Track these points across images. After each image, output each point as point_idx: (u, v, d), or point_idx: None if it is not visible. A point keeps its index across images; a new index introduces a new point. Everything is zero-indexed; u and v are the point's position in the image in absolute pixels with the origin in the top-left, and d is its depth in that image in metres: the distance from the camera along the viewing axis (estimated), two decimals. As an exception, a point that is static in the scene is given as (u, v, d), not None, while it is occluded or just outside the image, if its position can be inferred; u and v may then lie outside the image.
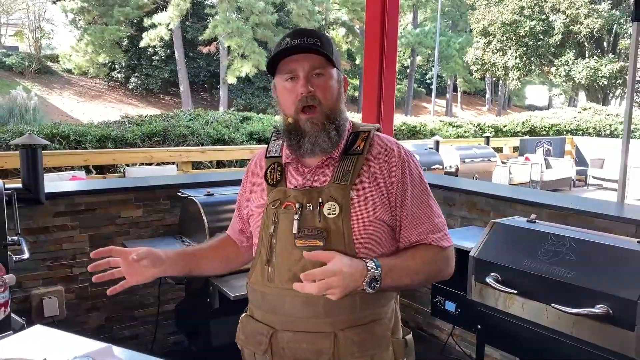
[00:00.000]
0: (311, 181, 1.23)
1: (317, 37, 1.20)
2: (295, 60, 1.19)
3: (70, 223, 2.68)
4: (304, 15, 21.56)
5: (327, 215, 1.18)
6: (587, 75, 19.42)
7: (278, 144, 1.34)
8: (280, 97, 1.25)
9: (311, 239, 1.17)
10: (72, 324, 2.68)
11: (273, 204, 1.23)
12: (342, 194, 1.19)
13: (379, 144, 1.26)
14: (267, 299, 1.24)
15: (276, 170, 1.28)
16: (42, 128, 6.91)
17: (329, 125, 1.20)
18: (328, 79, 1.21)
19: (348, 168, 1.22)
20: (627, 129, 3.35)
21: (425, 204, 1.26)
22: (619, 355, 1.56)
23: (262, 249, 1.25)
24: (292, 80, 1.20)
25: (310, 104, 1.18)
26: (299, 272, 1.12)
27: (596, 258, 1.69)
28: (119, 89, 23.21)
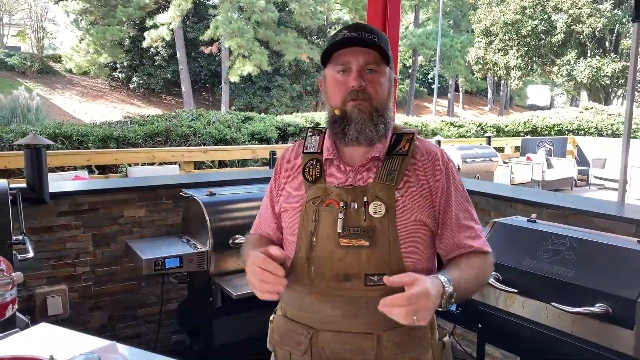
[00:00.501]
0: (354, 179, 1.21)
1: (374, 34, 1.18)
2: (350, 53, 1.17)
3: (74, 222, 2.70)
4: (307, 14, 21.56)
5: (373, 214, 1.16)
6: (589, 75, 19.38)
7: (315, 141, 1.31)
8: (329, 88, 1.23)
9: (356, 239, 1.15)
10: (75, 322, 2.69)
11: (313, 201, 1.21)
12: (387, 194, 1.17)
13: (422, 148, 1.25)
14: (306, 298, 1.21)
15: (315, 167, 1.26)
16: (45, 128, 6.93)
17: (377, 117, 1.18)
18: (380, 76, 1.19)
19: (393, 168, 1.20)
20: (628, 129, 3.36)
21: (466, 210, 1.26)
22: (618, 354, 1.57)
23: (301, 247, 1.21)
24: (344, 72, 1.19)
25: (360, 97, 1.17)
26: (342, 272, 1.15)
27: (596, 257, 1.70)
28: (121, 89, 23.25)
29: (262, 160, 7.53)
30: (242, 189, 2.80)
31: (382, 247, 1.15)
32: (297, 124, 9.26)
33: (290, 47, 21.01)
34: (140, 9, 20.40)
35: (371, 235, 1.15)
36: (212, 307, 2.41)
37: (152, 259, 2.31)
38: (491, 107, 32.45)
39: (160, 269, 2.33)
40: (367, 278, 1.15)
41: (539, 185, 9.71)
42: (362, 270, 1.15)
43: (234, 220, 2.49)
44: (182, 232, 2.74)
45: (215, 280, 2.39)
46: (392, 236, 1.15)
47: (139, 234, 2.87)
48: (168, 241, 2.62)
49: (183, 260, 2.37)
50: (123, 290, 2.86)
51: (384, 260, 1.15)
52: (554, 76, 21.39)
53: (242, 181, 3.15)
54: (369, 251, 1.15)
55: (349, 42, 1.17)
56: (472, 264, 1.20)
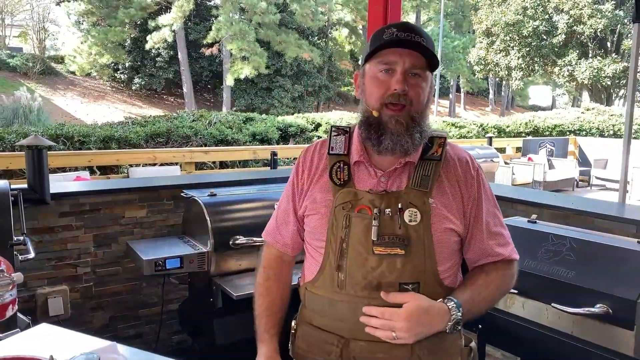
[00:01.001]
0: (386, 184, 1.17)
1: (422, 37, 1.14)
2: (397, 53, 1.12)
3: (75, 223, 2.70)
4: (308, 15, 21.57)
5: (409, 222, 1.13)
6: (590, 76, 19.35)
7: (341, 141, 1.25)
8: (368, 86, 1.17)
9: (391, 247, 1.12)
10: (76, 323, 2.70)
11: (343, 206, 1.17)
12: (421, 200, 1.15)
13: (453, 153, 1.24)
14: (336, 306, 1.18)
15: (342, 169, 1.21)
16: (47, 129, 6.95)
17: (413, 127, 1.14)
18: (423, 81, 1.15)
19: (427, 174, 1.17)
20: (628, 130, 3.36)
21: (495, 216, 1.25)
22: (618, 355, 1.57)
23: (330, 253, 1.18)
24: (387, 72, 1.14)
25: (400, 102, 1.12)
26: (375, 280, 1.12)
27: (596, 258, 1.70)
28: (123, 90, 23.28)
29: (263, 161, 7.53)
30: (243, 190, 2.80)
31: (418, 256, 1.13)
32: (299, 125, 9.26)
33: (292, 47, 21.02)
34: (142, 10, 20.43)
35: (407, 244, 1.12)
36: (213, 308, 2.41)
37: (152, 259, 2.32)
38: (492, 107, 32.42)
39: (160, 269, 2.34)
40: (401, 287, 1.13)
41: (540, 186, 9.69)
42: (396, 280, 1.12)
43: (234, 221, 2.50)
44: (183, 233, 2.74)
45: (216, 281, 2.39)
46: (427, 244, 1.13)
47: (140, 234, 2.87)
48: (169, 242, 2.62)
49: (184, 261, 2.37)
50: (124, 291, 2.87)
51: (419, 270, 1.13)
52: (555, 77, 21.37)
53: (243, 182, 3.15)
54: (404, 260, 1.12)
55: (398, 42, 1.12)
56: (491, 281, 1.19)
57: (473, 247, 1.22)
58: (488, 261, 1.23)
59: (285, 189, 1.35)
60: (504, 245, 1.23)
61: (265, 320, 1.32)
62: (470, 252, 1.23)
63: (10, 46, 25.88)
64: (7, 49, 24.27)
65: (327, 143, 1.26)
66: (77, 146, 6.68)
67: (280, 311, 1.34)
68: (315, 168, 1.26)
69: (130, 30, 21.37)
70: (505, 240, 1.24)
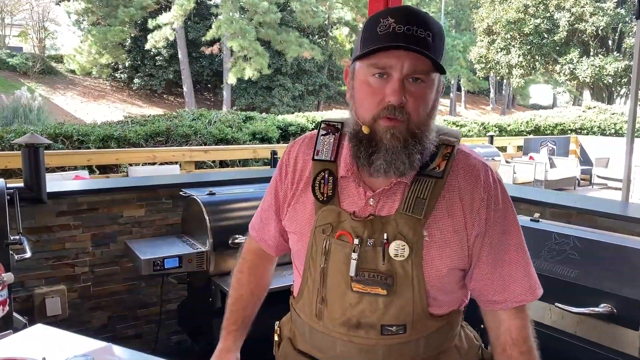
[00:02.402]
0: (375, 207, 0.98)
1: (429, 29, 0.89)
2: (394, 54, 0.88)
3: (73, 222, 2.68)
4: (308, 13, 21.56)
5: (394, 257, 0.95)
6: (591, 74, 19.32)
7: (329, 143, 1.05)
8: (357, 91, 0.95)
9: (372, 285, 0.95)
10: (74, 323, 2.68)
11: (324, 229, 1.00)
12: (413, 229, 0.95)
13: (461, 166, 0.99)
14: (314, 335, 1.05)
15: (327, 182, 1.02)
16: (46, 128, 6.93)
17: (413, 145, 0.92)
18: (427, 88, 0.92)
19: (422, 195, 0.95)
20: (631, 128, 3.34)
21: (515, 251, 1.01)
22: (622, 355, 1.55)
23: (309, 279, 1.03)
24: (380, 77, 0.91)
25: (396, 117, 0.90)
26: (355, 318, 0.98)
27: (600, 257, 1.68)
28: (123, 90, 23.29)
29: (264, 160, 7.51)
30: (242, 189, 2.78)
31: (404, 297, 0.96)
32: (299, 124, 9.24)
33: (292, 46, 21.01)
34: (142, 9, 20.44)
35: (390, 283, 0.95)
36: (212, 308, 2.39)
37: (151, 259, 2.30)
38: (493, 106, 32.38)
39: (159, 269, 2.32)
40: (384, 328, 0.97)
41: (541, 185, 9.67)
42: (378, 321, 0.97)
43: (233, 220, 2.47)
44: (182, 232, 2.72)
45: (215, 281, 2.37)
46: (417, 284, 0.95)
47: (138, 233, 2.85)
48: (167, 241, 2.60)
49: (182, 261, 2.35)
50: (123, 291, 2.84)
51: (405, 311, 0.97)
52: (557, 75, 21.33)
53: (243, 181, 3.13)
54: (388, 300, 0.96)
55: (394, 38, 0.88)
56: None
57: (480, 294, 1.04)
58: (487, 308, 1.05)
59: (270, 184, 1.18)
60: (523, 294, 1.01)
61: (228, 315, 1.23)
62: (471, 288, 1.05)
63: (10, 45, 25.88)
64: (7, 48, 24.29)
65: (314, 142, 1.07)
66: (77, 145, 6.66)
67: (249, 307, 1.24)
68: (300, 174, 1.08)
69: (130, 30, 21.36)
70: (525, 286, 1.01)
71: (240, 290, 1.25)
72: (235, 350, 1.21)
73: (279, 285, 1.95)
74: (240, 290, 1.25)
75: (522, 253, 1.02)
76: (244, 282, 1.25)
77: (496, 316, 1.04)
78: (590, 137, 12.59)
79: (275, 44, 21.22)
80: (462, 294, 1.07)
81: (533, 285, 1.03)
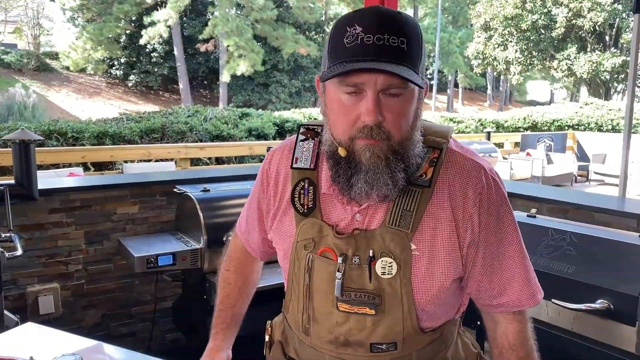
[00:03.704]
0: (362, 222, 0.92)
1: (402, 34, 0.80)
2: (366, 71, 0.80)
3: (66, 220, 2.65)
4: (305, 8, 21.51)
5: (381, 275, 0.89)
6: (588, 70, 19.34)
7: (308, 149, 0.98)
8: (330, 110, 0.87)
9: (359, 305, 0.90)
10: (68, 321, 2.65)
11: (305, 245, 0.94)
12: (400, 244, 0.88)
13: (451, 169, 0.91)
14: (303, 348, 1.02)
15: (307, 192, 0.95)
16: (40, 125, 6.90)
17: (395, 163, 0.84)
18: (406, 101, 0.83)
19: (408, 207, 0.89)
20: (628, 124, 3.33)
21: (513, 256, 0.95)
22: (619, 351, 1.54)
23: (293, 295, 0.99)
24: (354, 94, 0.82)
25: (374, 138, 0.82)
26: (342, 337, 0.93)
27: (597, 253, 1.67)
28: (118, 86, 23.20)
29: (260, 157, 7.49)
30: (237, 185, 2.75)
31: (393, 315, 0.90)
32: (295, 120, 9.22)
33: (289, 42, 20.96)
34: (137, 6, 20.34)
35: (378, 303, 0.89)
36: (207, 305, 2.37)
37: (144, 256, 2.28)
38: (491, 102, 32.41)
39: (153, 266, 2.29)
40: (373, 346, 0.93)
41: (538, 181, 9.67)
42: (366, 339, 0.93)
43: (228, 217, 2.45)
44: (176, 229, 2.70)
45: (210, 278, 2.35)
46: (406, 302, 0.90)
47: (132, 231, 2.82)
48: (161, 238, 2.58)
49: (176, 258, 2.33)
50: (117, 288, 2.82)
51: (394, 330, 0.92)
52: (554, 71, 21.35)
53: (238, 177, 3.10)
54: (376, 319, 0.91)
55: (363, 53, 0.79)
56: None
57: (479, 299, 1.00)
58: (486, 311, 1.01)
59: (252, 190, 1.12)
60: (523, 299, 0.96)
61: (217, 314, 1.21)
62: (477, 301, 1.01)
63: (5, 42, 25.74)
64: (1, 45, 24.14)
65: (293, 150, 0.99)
66: (71, 142, 6.64)
67: (237, 305, 1.21)
68: (283, 187, 1.01)
69: (125, 26, 21.27)
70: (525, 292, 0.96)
71: (227, 288, 1.22)
72: (225, 348, 1.19)
73: (271, 283, 1.94)
74: (228, 288, 1.22)
75: (520, 257, 0.96)
76: (231, 280, 1.22)
77: (494, 319, 1.01)
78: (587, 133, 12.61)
79: (271, 41, 21.16)
80: (457, 302, 1.02)
81: (533, 290, 0.97)
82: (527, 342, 0.99)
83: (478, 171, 0.92)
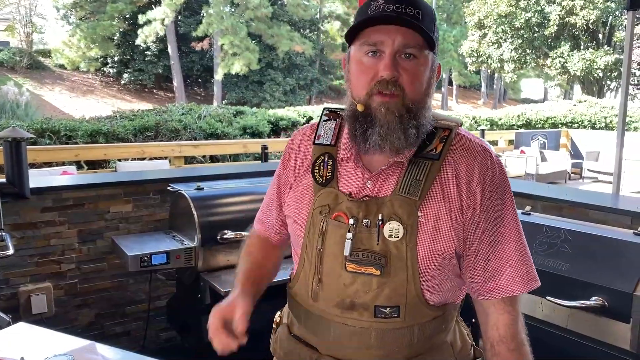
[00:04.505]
0: (372, 189, 0.99)
1: (418, 8, 0.92)
2: (384, 30, 0.91)
3: (59, 218, 2.63)
4: (300, 6, 21.45)
5: (388, 237, 0.95)
6: (582, 68, 19.41)
7: (330, 128, 1.08)
8: (352, 73, 0.97)
9: (366, 265, 0.96)
10: (61, 321, 2.64)
11: (321, 210, 1.01)
12: (408, 211, 0.95)
13: (459, 149, 0.99)
14: (310, 317, 1.05)
15: (326, 165, 1.04)
16: (32, 123, 6.84)
17: (408, 120, 0.93)
18: (420, 64, 0.93)
19: (418, 177, 0.96)
20: (622, 122, 3.34)
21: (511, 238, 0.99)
22: (614, 348, 1.54)
23: (305, 261, 1.04)
24: (373, 55, 0.93)
25: (390, 91, 0.91)
26: (349, 299, 0.98)
27: (591, 250, 1.67)
28: (112, 85, 23.06)
29: (254, 155, 7.46)
30: (231, 184, 2.74)
31: (398, 278, 0.95)
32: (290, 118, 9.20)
33: (284, 40, 20.91)
34: (131, 4, 20.22)
35: (384, 264, 0.95)
36: (201, 304, 2.36)
37: (138, 255, 2.26)
38: (485, 100, 32.48)
39: (146, 265, 2.28)
40: (377, 309, 0.97)
41: (532, 179, 9.71)
42: (371, 301, 0.97)
43: (222, 215, 2.44)
44: (170, 228, 2.68)
45: (204, 277, 2.33)
46: (410, 265, 0.95)
47: (125, 229, 2.80)
48: (155, 237, 2.56)
49: (170, 257, 2.31)
50: (110, 287, 2.80)
51: (398, 293, 0.96)
52: (548, 69, 21.42)
53: (232, 175, 3.09)
54: (381, 280, 0.96)
55: (384, 17, 0.90)
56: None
57: (464, 272, 1.02)
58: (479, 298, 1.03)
59: (274, 176, 1.21)
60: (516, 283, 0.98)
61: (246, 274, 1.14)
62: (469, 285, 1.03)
63: (-3, 40, 25.50)
64: (-6, 43, 23.93)
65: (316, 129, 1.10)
66: (64, 141, 6.59)
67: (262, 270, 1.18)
68: (302, 159, 1.10)
69: (119, 24, 21.14)
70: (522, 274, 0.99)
71: (252, 257, 1.19)
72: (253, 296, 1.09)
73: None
74: (252, 257, 1.19)
75: (518, 242, 1.00)
76: (255, 254, 1.21)
77: (485, 309, 1.03)
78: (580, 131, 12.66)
79: (266, 38, 21.10)
80: (458, 283, 1.05)
81: (527, 276, 0.99)
82: (517, 335, 1.00)
83: (484, 155, 1.00)
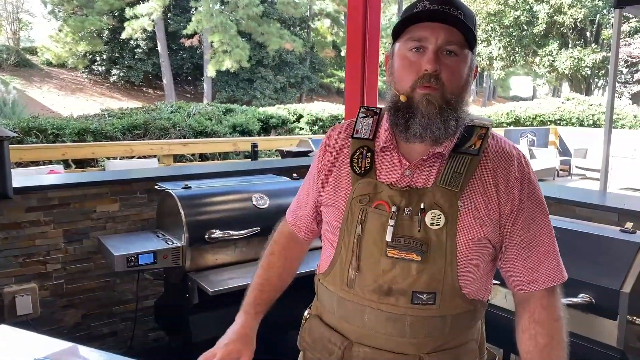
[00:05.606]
0: (410, 179, 1.03)
1: (460, 9, 0.98)
2: (429, 27, 0.97)
3: (44, 218, 2.59)
4: (290, 4, 21.38)
5: (430, 225, 0.99)
6: (570, 66, 19.59)
7: (368, 124, 1.13)
8: (396, 67, 1.03)
9: (407, 251, 0.99)
10: (47, 322, 2.60)
11: (360, 199, 1.04)
12: (449, 201, 0.99)
13: (496, 147, 1.05)
14: (343, 305, 1.08)
15: (365, 157, 1.08)
16: (19, 121, 6.75)
17: (448, 112, 0.98)
18: (460, 61, 1.00)
19: (459, 170, 1.01)
20: (609, 119, 3.37)
21: (545, 233, 1.05)
22: (601, 345, 1.55)
23: (342, 248, 1.07)
24: (417, 51, 0.99)
25: (431, 84, 0.97)
26: (386, 284, 1.01)
27: (578, 247, 1.67)
28: (101, 83, 22.82)
29: (244, 153, 7.43)
30: (220, 182, 2.72)
31: (436, 264, 0.99)
32: (280, 116, 9.17)
33: (274, 37, 20.84)
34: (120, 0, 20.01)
35: (425, 250, 0.99)
36: (189, 304, 2.34)
37: (124, 255, 2.23)
38: (474, 98, 32.64)
39: (133, 265, 2.25)
40: (414, 295, 1.01)
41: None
42: (409, 287, 1.00)
43: (210, 215, 2.41)
44: (157, 227, 2.65)
45: (192, 277, 2.31)
46: (449, 253, 0.99)
47: (112, 229, 2.77)
48: (142, 237, 2.53)
49: (157, 256, 2.28)
50: (97, 288, 2.77)
51: (436, 279, 1.00)
52: (536, 67, 21.58)
53: (221, 174, 3.06)
54: (420, 267, 0.99)
55: (430, 15, 0.97)
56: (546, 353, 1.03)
57: (502, 267, 1.07)
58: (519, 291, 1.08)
59: (310, 169, 1.24)
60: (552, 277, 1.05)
61: (255, 294, 1.24)
62: (501, 270, 1.09)
63: (-17, 37, 25.13)
64: (-21, 40, 23.57)
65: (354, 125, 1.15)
66: (51, 139, 6.51)
67: (273, 291, 1.27)
68: (338, 152, 1.15)
69: (108, 20, 20.93)
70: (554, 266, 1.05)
71: (269, 272, 1.27)
72: (254, 329, 1.21)
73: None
74: (269, 273, 1.27)
75: (551, 235, 1.07)
76: (275, 266, 1.28)
77: (526, 298, 1.07)
78: (569, 128, 12.77)
79: (256, 36, 21.01)
80: (488, 278, 1.10)
81: (562, 267, 1.07)
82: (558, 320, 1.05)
83: (518, 154, 1.07)
